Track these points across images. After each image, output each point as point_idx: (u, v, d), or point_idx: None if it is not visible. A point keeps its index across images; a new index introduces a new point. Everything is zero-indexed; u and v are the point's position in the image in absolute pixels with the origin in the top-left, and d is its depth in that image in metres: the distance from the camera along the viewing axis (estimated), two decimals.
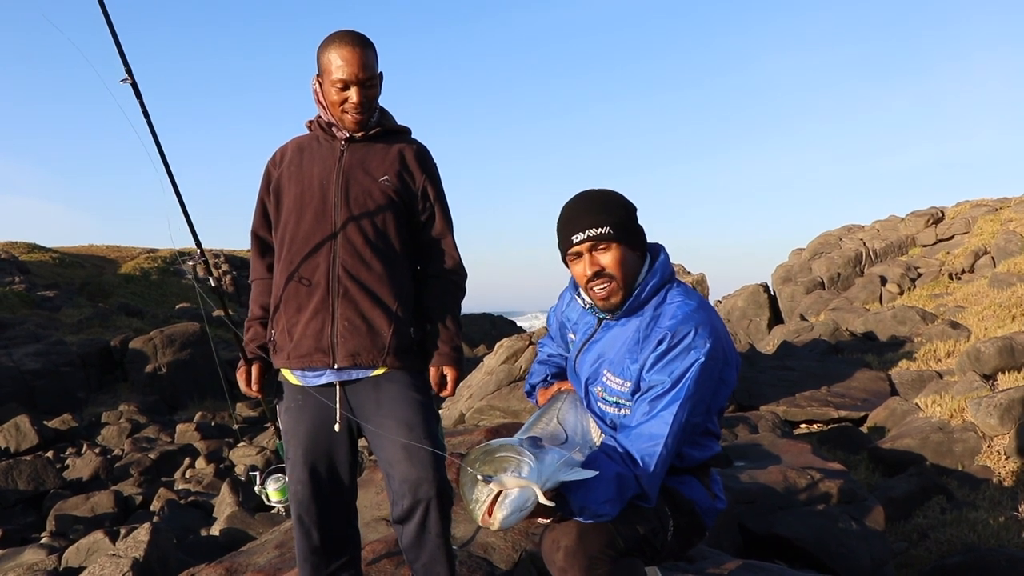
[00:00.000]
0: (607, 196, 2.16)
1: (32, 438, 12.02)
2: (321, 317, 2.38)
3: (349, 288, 2.37)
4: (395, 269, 2.42)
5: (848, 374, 10.97)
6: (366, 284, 2.37)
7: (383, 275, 2.39)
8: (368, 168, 2.44)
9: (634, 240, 2.14)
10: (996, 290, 15.38)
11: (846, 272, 22.31)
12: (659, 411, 1.97)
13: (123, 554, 4.69)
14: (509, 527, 1.71)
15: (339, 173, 2.43)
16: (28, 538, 8.14)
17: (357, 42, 2.35)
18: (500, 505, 1.68)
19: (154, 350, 16.97)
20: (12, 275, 26.38)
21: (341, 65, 2.33)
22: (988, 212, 22.66)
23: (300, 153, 2.52)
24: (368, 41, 2.38)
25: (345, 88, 2.36)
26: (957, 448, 7.22)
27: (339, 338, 2.36)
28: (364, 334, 2.36)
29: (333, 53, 2.35)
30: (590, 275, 2.12)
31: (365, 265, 2.38)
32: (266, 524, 6.62)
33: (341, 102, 2.38)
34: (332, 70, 2.35)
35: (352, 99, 2.37)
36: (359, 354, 2.36)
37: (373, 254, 2.38)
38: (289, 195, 2.48)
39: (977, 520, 5.31)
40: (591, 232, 2.09)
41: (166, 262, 35.57)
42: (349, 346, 2.36)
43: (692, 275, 16.25)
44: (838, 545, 3.99)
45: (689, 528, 2.12)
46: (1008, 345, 9.22)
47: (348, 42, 2.35)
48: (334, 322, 2.36)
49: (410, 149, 2.50)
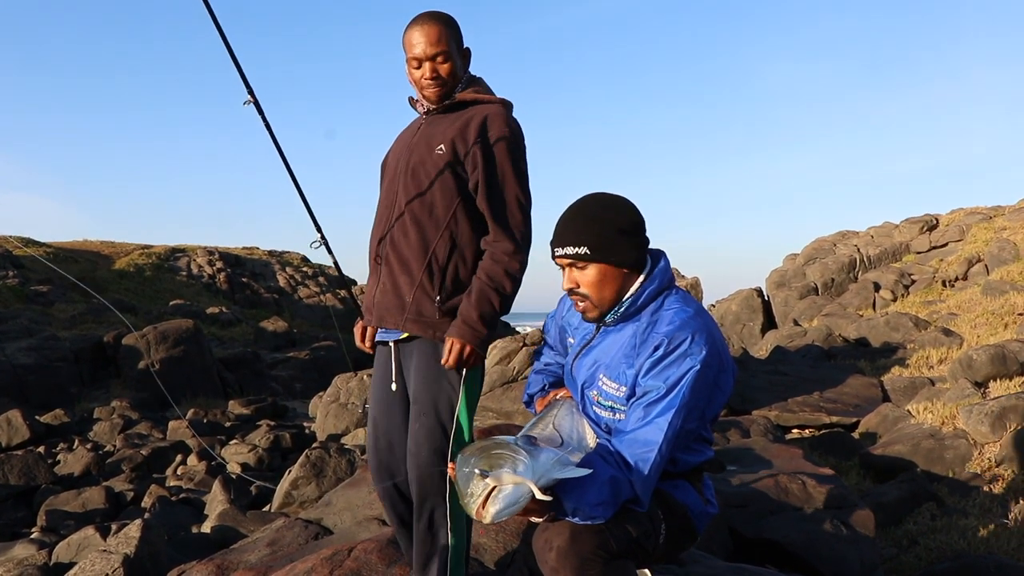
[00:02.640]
0: (596, 211, 2.13)
1: (24, 433, 11.99)
2: (373, 280, 2.62)
3: (389, 255, 2.55)
4: (432, 238, 2.48)
5: (841, 380, 11.01)
6: (401, 251, 2.52)
7: (417, 243, 2.49)
8: (431, 140, 2.53)
9: (618, 258, 2.11)
10: (989, 298, 15.44)
11: (840, 278, 22.38)
12: (654, 417, 1.98)
13: (114, 550, 4.68)
14: (500, 521, 1.74)
15: (410, 146, 2.58)
16: (18, 533, 8.11)
17: (426, 21, 2.50)
18: (493, 499, 1.71)
19: (147, 346, 16.93)
20: (6, 269, 26.29)
21: (412, 44, 2.50)
22: (982, 220, 22.75)
23: (401, 135, 2.73)
24: (440, 18, 2.52)
25: (419, 65, 2.51)
26: (948, 455, 7.24)
27: (377, 299, 2.58)
28: (391, 297, 2.53)
29: (407, 34, 2.52)
30: (567, 289, 2.18)
31: (404, 233, 2.52)
32: (257, 522, 6.60)
33: (419, 78, 2.53)
34: (407, 49, 2.52)
35: (425, 74, 2.51)
36: (384, 317, 2.55)
37: (412, 223, 2.50)
38: (384, 173, 2.71)
39: (967, 527, 5.32)
40: (568, 250, 2.12)
41: (160, 258, 35.46)
42: (380, 308, 2.57)
43: (686, 279, 16.27)
44: (828, 550, 4.00)
45: (681, 532, 2.13)
46: (1000, 353, 9.26)
47: (418, 22, 2.51)
48: (378, 285, 2.58)
49: (478, 117, 2.49)
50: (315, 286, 37.04)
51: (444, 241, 2.47)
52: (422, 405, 2.47)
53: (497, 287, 2.43)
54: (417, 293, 2.47)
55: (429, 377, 2.47)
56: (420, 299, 2.47)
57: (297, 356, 21.60)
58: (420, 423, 2.46)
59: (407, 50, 2.52)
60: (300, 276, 37.76)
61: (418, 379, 2.49)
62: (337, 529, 3.75)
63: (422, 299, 2.47)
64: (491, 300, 2.42)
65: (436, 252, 2.46)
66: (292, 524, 3.82)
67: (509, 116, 2.53)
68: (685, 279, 16.30)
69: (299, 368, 20.63)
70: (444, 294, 2.47)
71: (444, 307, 2.46)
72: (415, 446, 2.46)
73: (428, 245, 2.47)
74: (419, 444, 2.45)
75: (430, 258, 2.46)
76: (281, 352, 22.99)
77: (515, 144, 2.49)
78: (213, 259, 36.34)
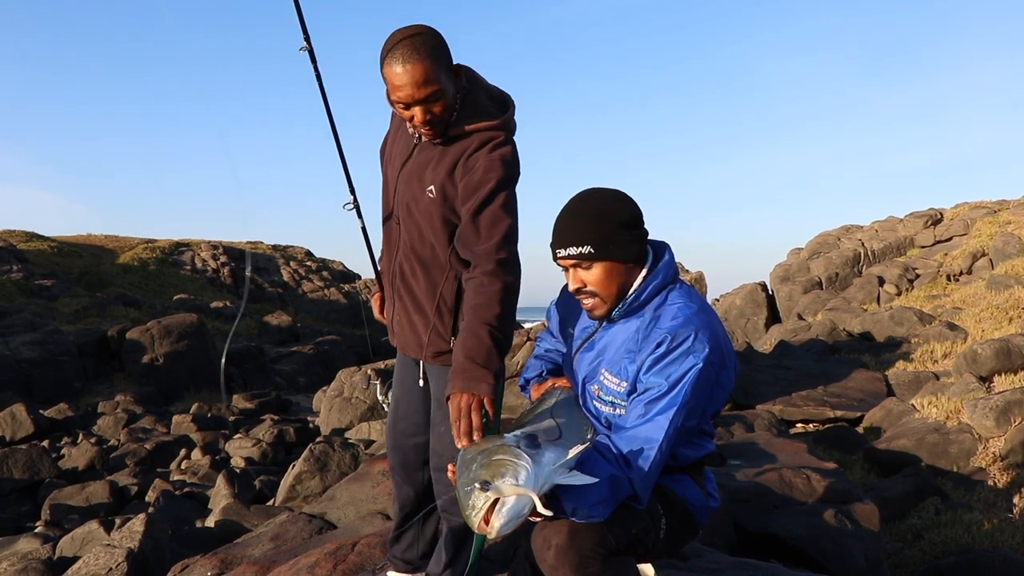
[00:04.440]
0: (595, 208, 2.10)
1: (28, 427, 12.01)
2: (390, 303, 2.63)
3: (401, 289, 2.53)
4: (438, 281, 2.45)
5: (845, 374, 10.99)
6: (412, 289, 2.50)
7: (425, 285, 2.46)
8: (422, 176, 2.35)
9: (622, 253, 2.10)
10: (994, 292, 15.41)
11: (844, 272, 22.33)
12: (655, 414, 1.97)
13: (118, 544, 4.69)
14: (506, 534, 1.71)
15: (401, 175, 2.44)
16: (23, 527, 8.14)
17: (408, 58, 2.13)
18: (498, 513, 1.68)
19: (151, 341, 16.96)
20: (10, 264, 26.36)
21: (396, 86, 2.16)
22: (987, 214, 22.68)
23: (395, 134, 2.56)
24: (422, 51, 2.14)
25: (407, 107, 2.20)
26: (952, 449, 7.23)
27: (395, 328, 2.60)
28: (408, 332, 2.54)
29: (387, 69, 2.16)
30: (573, 289, 2.15)
31: (412, 271, 2.49)
32: (261, 516, 6.61)
33: (409, 119, 2.25)
34: (390, 89, 2.20)
35: (417, 118, 2.22)
36: (406, 348, 2.59)
37: (417, 262, 2.46)
38: (383, 173, 2.62)
39: (972, 521, 5.32)
40: (571, 251, 2.09)
41: (164, 253, 35.52)
42: (400, 337, 2.59)
43: (690, 273, 16.26)
44: (832, 544, 3.99)
45: (682, 526, 2.12)
46: (1005, 347, 9.24)
47: (398, 58, 2.13)
48: (394, 314, 2.60)
49: (469, 154, 2.27)
50: (319, 280, 37.09)
51: (450, 283, 2.42)
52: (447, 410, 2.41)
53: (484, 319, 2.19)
54: (432, 335, 2.48)
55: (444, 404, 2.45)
56: (435, 340, 2.48)
57: (301, 350, 21.62)
58: (446, 426, 2.32)
59: (390, 89, 2.20)
60: (304, 270, 37.81)
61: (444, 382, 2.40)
62: (341, 523, 3.75)
63: (436, 340, 2.47)
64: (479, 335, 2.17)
65: (443, 295, 2.44)
66: (296, 518, 3.82)
67: (504, 148, 2.29)
68: (689, 273, 16.29)
69: (303, 362, 20.64)
70: (456, 334, 2.43)
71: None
72: (439, 446, 2.47)
73: (435, 288, 2.45)
74: (444, 445, 2.43)
75: (438, 301, 2.45)
76: (285, 346, 23.03)
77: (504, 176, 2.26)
78: (217, 253, 36.40)
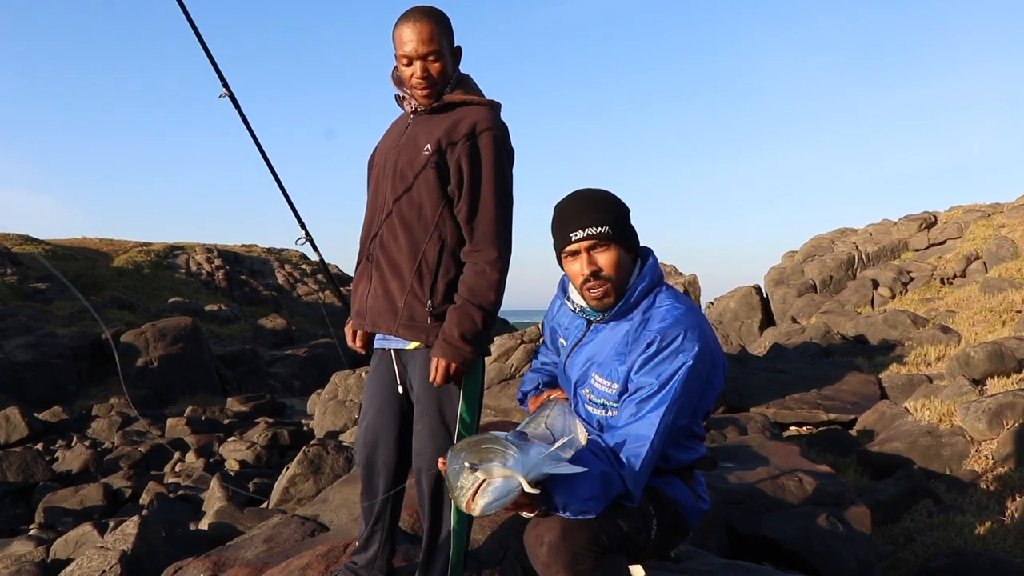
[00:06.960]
0: (605, 196, 2.16)
1: (22, 430, 11.99)
2: (364, 283, 2.58)
3: (380, 258, 2.51)
4: (421, 241, 2.45)
5: (838, 377, 11.01)
6: (391, 254, 2.49)
7: (406, 246, 2.46)
8: (419, 140, 2.46)
9: (629, 242, 2.14)
10: (987, 295, 15.44)
11: (838, 275, 22.38)
12: (646, 412, 1.99)
13: (111, 546, 4.68)
14: (490, 514, 1.74)
15: (397, 146, 2.53)
16: (17, 530, 8.13)
17: (418, 17, 2.42)
18: (483, 492, 1.72)
19: (145, 344, 16.93)
20: (4, 267, 26.29)
21: (403, 41, 2.41)
22: (981, 217, 22.75)
23: (387, 134, 2.67)
24: (432, 15, 2.43)
25: (409, 63, 2.44)
26: (945, 452, 7.25)
27: (369, 303, 2.54)
28: (383, 302, 2.50)
29: (398, 30, 2.43)
30: (587, 274, 2.11)
31: (394, 236, 2.49)
32: (254, 519, 6.60)
33: (409, 77, 2.46)
34: (397, 46, 2.44)
35: (416, 74, 2.43)
36: (377, 322, 2.52)
37: (401, 225, 2.47)
38: (371, 169, 2.67)
39: (964, 524, 5.33)
40: (591, 231, 2.08)
41: (159, 256, 35.44)
42: (372, 313, 2.53)
43: (684, 276, 16.27)
44: (824, 547, 4.00)
45: (672, 527, 2.14)
46: (998, 350, 9.26)
47: (410, 18, 2.42)
48: (370, 289, 2.54)
49: (466, 120, 2.43)
50: (314, 283, 37.04)
51: (433, 243, 2.44)
52: (424, 406, 2.47)
53: (480, 303, 2.39)
54: (408, 298, 2.44)
55: (430, 389, 2.46)
56: (412, 304, 2.44)
57: (295, 353, 21.60)
58: (423, 424, 2.46)
59: (397, 47, 2.44)
60: (299, 273, 37.76)
61: (420, 382, 2.48)
62: (333, 526, 3.75)
63: (414, 304, 2.44)
64: (474, 317, 2.38)
65: (426, 254, 2.44)
66: (289, 521, 3.82)
67: (497, 121, 2.47)
68: (683, 276, 16.31)
69: (297, 365, 20.63)
70: (435, 298, 2.44)
71: (435, 311, 2.44)
72: (420, 446, 2.49)
73: (418, 248, 2.44)
74: (424, 444, 2.46)
75: (420, 261, 2.43)
76: (280, 349, 23.01)
77: (500, 150, 2.44)
78: (212, 256, 36.34)
